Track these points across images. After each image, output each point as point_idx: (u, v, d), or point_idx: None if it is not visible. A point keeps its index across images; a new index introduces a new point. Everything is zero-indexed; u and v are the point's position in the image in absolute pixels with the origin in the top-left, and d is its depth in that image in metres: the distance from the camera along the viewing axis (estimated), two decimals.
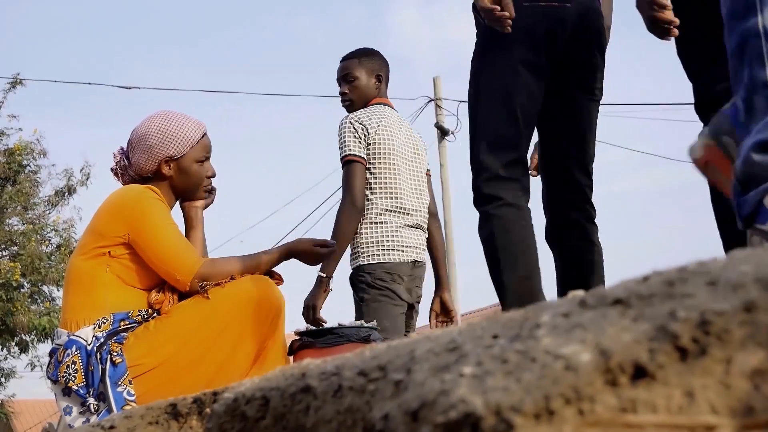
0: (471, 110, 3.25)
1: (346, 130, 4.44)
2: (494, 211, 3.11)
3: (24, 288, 17.94)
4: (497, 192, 3.13)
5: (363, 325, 3.89)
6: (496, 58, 3.18)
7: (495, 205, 3.12)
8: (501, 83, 3.17)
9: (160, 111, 3.48)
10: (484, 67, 3.18)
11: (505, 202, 3.12)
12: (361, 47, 4.79)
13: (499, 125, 3.17)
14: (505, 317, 0.98)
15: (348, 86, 4.63)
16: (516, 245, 3.10)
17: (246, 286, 3.18)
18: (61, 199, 19.15)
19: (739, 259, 0.83)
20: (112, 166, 3.50)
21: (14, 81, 18.56)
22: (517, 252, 3.09)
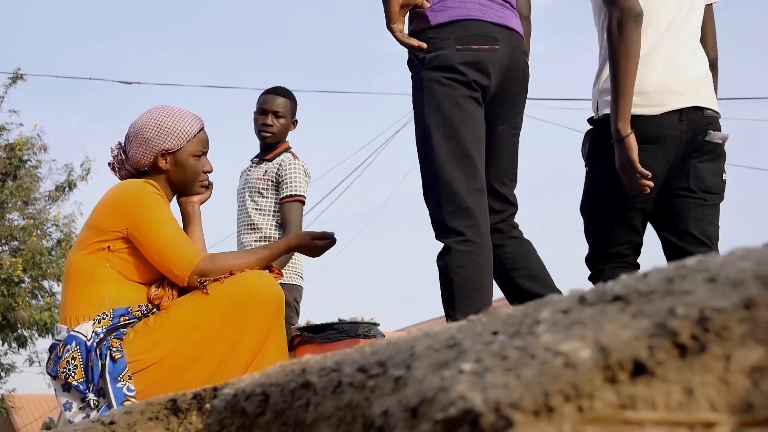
0: (422, 148, 3.27)
1: (299, 172, 4.97)
2: (456, 245, 3.13)
3: (25, 283, 17.94)
4: (459, 226, 3.16)
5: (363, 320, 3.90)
6: (437, 94, 3.23)
7: (457, 240, 3.14)
8: (447, 116, 3.23)
9: (158, 105, 3.48)
10: (427, 104, 3.22)
11: (467, 239, 3.15)
12: (288, 88, 5.23)
13: (453, 158, 3.21)
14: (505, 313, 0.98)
15: (275, 120, 5.03)
16: (471, 285, 3.14)
17: (245, 281, 3.17)
18: (62, 194, 19.13)
19: (739, 255, 0.83)
20: (110, 160, 3.50)
21: (15, 76, 18.56)
22: (471, 292, 3.14)
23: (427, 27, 3.28)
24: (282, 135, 5.08)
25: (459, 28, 3.30)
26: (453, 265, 3.12)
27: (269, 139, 5.04)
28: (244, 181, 5.06)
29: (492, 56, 3.32)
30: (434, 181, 3.20)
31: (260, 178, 4.97)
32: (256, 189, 4.96)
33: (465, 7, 3.37)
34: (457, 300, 3.10)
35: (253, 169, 5.05)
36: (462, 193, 3.18)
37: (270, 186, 4.96)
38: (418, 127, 3.25)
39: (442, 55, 3.24)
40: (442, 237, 3.18)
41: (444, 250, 3.17)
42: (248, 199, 4.95)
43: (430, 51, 3.24)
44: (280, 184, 4.96)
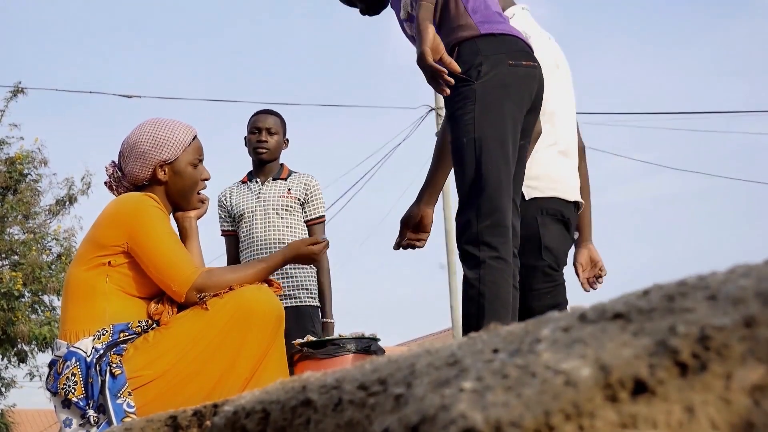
0: (467, 159, 3.26)
1: (320, 190, 5.20)
2: (489, 261, 3.14)
3: (25, 297, 17.91)
4: (496, 242, 3.16)
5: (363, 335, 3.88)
6: (491, 108, 3.23)
7: (490, 255, 3.14)
8: (498, 133, 3.24)
9: (149, 119, 3.49)
10: (480, 117, 3.22)
11: (500, 255, 3.16)
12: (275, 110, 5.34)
13: (500, 173, 3.21)
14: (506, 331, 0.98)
15: (269, 137, 5.11)
16: (501, 302, 3.15)
17: (245, 296, 3.17)
18: (62, 208, 19.12)
19: (739, 273, 0.82)
20: (106, 179, 3.50)
21: (16, 90, 18.56)
22: (500, 309, 3.14)
23: (476, 36, 3.30)
24: (276, 152, 5.14)
25: (508, 43, 3.35)
26: (486, 280, 3.12)
27: (265, 155, 5.08)
28: (256, 198, 5.04)
29: (535, 73, 3.40)
30: (477, 192, 3.19)
31: (284, 196, 5.02)
32: (283, 207, 5.01)
33: (504, 23, 3.44)
34: (486, 314, 3.10)
35: (267, 187, 5.06)
36: (503, 210, 3.20)
37: (296, 204, 5.05)
38: (463, 137, 3.23)
39: (497, 69, 3.26)
40: (473, 248, 3.16)
41: (474, 261, 3.16)
42: (275, 216, 4.98)
43: (482, 62, 3.25)
44: (307, 203, 5.08)
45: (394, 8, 3.70)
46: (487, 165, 3.20)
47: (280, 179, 5.10)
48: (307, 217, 5.08)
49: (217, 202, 5.21)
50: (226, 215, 5.18)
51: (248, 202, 5.07)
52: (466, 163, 3.24)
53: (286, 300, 4.82)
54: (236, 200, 5.13)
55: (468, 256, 3.18)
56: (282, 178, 5.11)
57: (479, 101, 3.23)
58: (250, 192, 5.11)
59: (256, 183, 5.11)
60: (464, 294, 3.20)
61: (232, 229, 5.16)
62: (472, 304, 3.16)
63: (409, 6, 3.53)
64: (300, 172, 5.17)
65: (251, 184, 5.13)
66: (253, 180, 5.14)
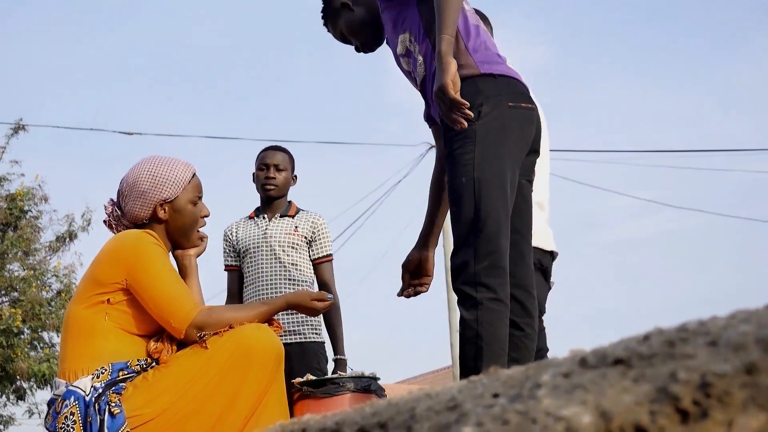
0: (466, 199, 3.26)
1: (328, 230, 5.19)
2: (488, 303, 3.13)
3: (24, 334, 17.87)
4: (493, 284, 3.16)
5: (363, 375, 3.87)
6: (491, 149, 3.25)
7: (488, 297, 3.14)
8: (498, 175, 3.25)
9: (147, 157, 3.49)
10: (480, 157, 3.24)
11: (498, 297, 3.16)
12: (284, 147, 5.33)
13: (500, 215, 3.22)
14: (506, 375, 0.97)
15: (277, 173, 5.11)
16: (498, 344, 3.15)
17: (245, 335, 3.16)
18: (62, 244, 19.12)
19: (740, 319, 0.82)
20: (105, 218, 3.50)
21: (17, 126, 18.63)
22: (497, 351, 3.14)
23: (476, 75, 3.32)
24: (285, 188, 5.13)
25: (507, 84, 3.37)
26: (484, 321, 3.11)
27: (273, 192, 5.08)
28: (263, 235, 5.04)
29: (533, 115, 3.41)
30: (475, 233, 3.18)
31: (291, 234, 5.02)
32: (289, 244, 5.01)
33: (503, 63, 3.45)
34: (484, 355, 3.10)
35: (274, 223, 5.05)
36: (501, 251, 3.19)
37: (303, 242, 5.04)
38: (462, 177, 3.23)
39: (498, 111, 3.27)
40: (470, 288, 3.16)
41: (471, 302, 3.15)
42: (282, 253, 4.98)
43: (482, 103, 3.26)
44: (314, 242, 5.08)
45: (390, 44, 3.72)
46: (486, 206, 3.19)
47: (287, 216, 5.10)
48: (313, 256, 5.07)
49: (223, 237, 5.21)
50: (231, 250, 5.16)
51: (254, 238, 5.06)
52: (464, 203, 3.24)
53: (290, 336, 4.81)
54: (242, 235, 5.12)
55: (465, 297, 3.17)
56: (290, 215, 5.10)
57: (480, 142, 3.23)
58: (257, 228, 5.10)
59: (264, 219, 5.10)
60: (461, 335, 3.19)
61: (236, 265, 5.14)
62: (470, 346, 3.15)
63: (408, 41, 3.54)
64: (308, 211, 5.16)
65: (258, 220, 5.12)
66: (260, 216, 5.13)
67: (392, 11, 3.60)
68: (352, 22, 3.87)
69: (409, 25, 3.53)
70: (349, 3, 3.86)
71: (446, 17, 3.24)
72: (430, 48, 3.45)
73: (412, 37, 3.52)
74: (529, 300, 3.46)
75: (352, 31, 3.89)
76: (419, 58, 3.51)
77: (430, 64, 3.46)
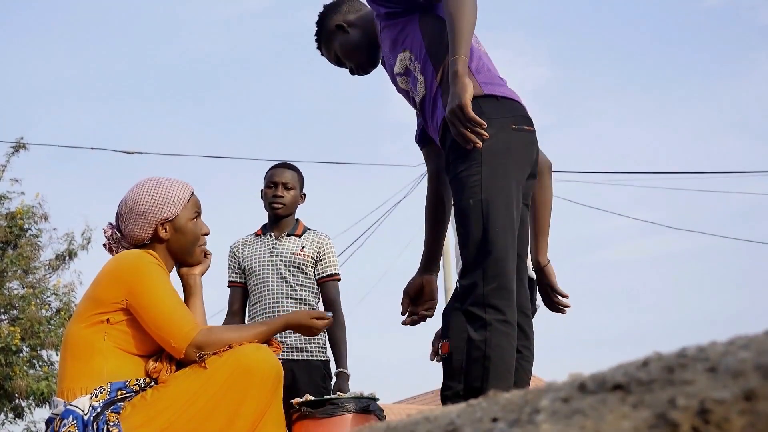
0: (473, 220, 3.26)
1: (334, 249, 5.16)
2: (496, 324, 3.13)
3: (23, 352, 17.85)
4: (502, 306, 3.16)
5: (362, 395, 3.87)
6: (497, 170, 3.25)
7: (497, 318, 3.14)
8: (504, 196, 3.25)
9: (144, 179, 3.50)
10: (486, 179, 3.24)
11: (506, 319, 3.16)
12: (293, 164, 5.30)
13: (507, 236, 3.22)
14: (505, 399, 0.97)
15: (285, 192, 5.08)
16: (505, 366, 3.15)
17: (244, 355, 3.16)
18: (62, 263, 19.14)
19: (739, 345, 0.82)
20: (105, 241, 3.51)
21: (17, 145, 18.67)
22: (504, 373, 3.14)
23: (479, 96, 3.31)
24: (293, 207, 5.11)
25: (510, 107, 3.38)
26: (492, 343, 3.11)
27: (281, 210, 5.05)
28: (269, 253, 5.02)
29: (535, 138, 3.43)
30: (484, 255, 3.18)
31: (298, 254, 5.00)
32: (295, 263, 4.99)
33: (504, 86, 3.46)
34: (491, 377, 3.10)
35: (280, 242, 5.03)
36: (509, 273, 3.20)
37: (309, 262, 5.01)
38: (470, 199, 3.23)
39: (502, 133, 3.28)
40: (479, 310, 3.15)
41: (480, 323, 3.14)
42: (287, 273, 4.96)
43: (487, 125, 3.24)
44: (320, 261, 5.05)
45: (387, 63, 3.72)
46: (494, 227, 3.19)
47: (294, 236, 5.07)
48: (318, 275, 5.03)
49: (229, 252, 5.17)
50: (236, 266, 5.13)
51: (261, 256, 5.04)
52: (472, 225, 3.23)
53: (297, 353, 4.80)
54: (248, 253, 5.09)
55: (474, 318, 3.16)
56: (297, 234, 5.08)
57: (485, 163, 3.23)
58: (263, 246, 5.07)
59: (270, 237, 5.07)
60: (468, 355, 3.18)
61: (240, 281, 5.10)
62: (477, 367, 3.14)
63: (408, 60, 3.55)
64: (315, 230, 5.14)
65: (265, 238, 5.09)
66: (267, 234, 5.11)
67: (393, 30, 3.61)
68: (348, 44, 3.87)
69: (410, 44, 3.53)
70: (344, 25, 3.87)
71: (461, 38, 3.25)
72: (431, 67, 3.46)
73: (412, 56, 3.53)
74: (526, 322, 3.47)
75: (347, 54, 3.89)
76: (419, 77, 3.51)
77: (431, 83, 3.46)
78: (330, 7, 3.97)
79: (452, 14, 3.28)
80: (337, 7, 3.95)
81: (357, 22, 3.87)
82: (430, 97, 3.49)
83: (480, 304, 3.15)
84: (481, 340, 3.12)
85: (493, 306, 3.14)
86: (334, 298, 5.00)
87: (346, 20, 3.88)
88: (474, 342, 3.14)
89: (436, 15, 3.49)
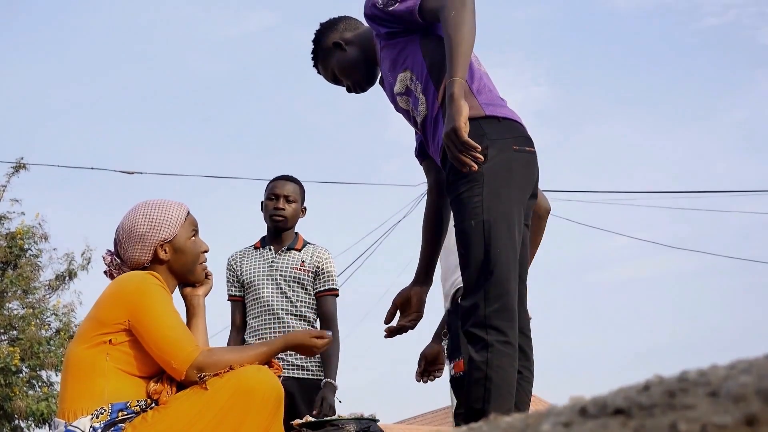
0: (475, 241, 3.26)
1: (333, 264, 5.09)
2: (498, 345, 3.13)
3: (22, 373, 17.83)
4: (504, 327, 3.16)
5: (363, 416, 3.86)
6: (500, 191, 3.26)
7: (498, 339, 3.14)
8: (506, 217, 3.26)
9: (139, 203, 3.51)
10: (488, 200, 3.24)
11: (508, 340, 3.16)
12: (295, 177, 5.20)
13: (509, 257, 3.22)
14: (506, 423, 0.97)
15: (286, 204, 5.01)
16: (507, 387, 3.15)
17: (245, 376, 3.16)
18: (62, 283, 19.14)
19: (740, 369, 0.82)
20: (105, 268, 3.51)
21: (17, 165, 18.70)
22: (506, 394, 3.14)
23: (480, 117, 3.32)
24: (294, 220, 5.04)
25: (511, 128, 3.38)
26: (494, 364, 3.11)
27: (281, 223, 4.99)
28: (268, 267, 4.96)
29: (535, 159, 3.43)
30: (486, 276, 3.18)
31: (297, 269, 4.94)
32: (295, 279, 4.93)
33: (505, 107, 3.46)
34: (492, 398, 3.09)
35: (280, 256, 4.98)
36: (511, 294, 3.19)
37: (309, 277, 4.95)
38: (471, 220, 3.23)
39: (504, 154, 3.28)
40: (481, 331, 3.15)
41: (482, 344, 3.14)
42: (287, 288, 4.90)
43: (488, 146, 3.25)
44: (319, 275, 4.97)
45: (386, 82, 3.73)
46: (496, 248, 3.19)
47: (294, 250, 5.01)
48: (317, 289, 4.97)
49: (227, 265, 5.11)
50: (235, 280, 5.07)
51: (260, 270, 4.98)
52: (473, 246, 3.23)
53: (296, 371, 4.76)
54: (247, 266, 5.03)
55: (475, 339, 3.16)
56: (296, 248, 5.02)
57: (487, 184, 3.23)
58: (262, 259, 5.01)
59: (270, 251, 5.02)
60: (469, 376, 3.18)
61: (240, 295, 5.04)
62: (478, 387, 3.13)
63: (409, 80, 3.56)
64: (315, 245, 5.08)
65: (264, 251, 5.04)
66: (267, 247, 5.05)
67: (393, 50, 3.61)
68: (345, 61, 3.88)
69: (411, 64, 3.54)
70: (341, 42, 3.87)
71: (458, 60, 3.24)
72: (432, 87, 3.46)
73: (413, 76, 3.53)
74: (526, 343, 3.47)
75: (344, 71, 3.90)
76: (421, 97, 3.52)
77: (432, 103, 3.47)
78: (326, 25, 3.98)
79: (450, 36, 3.28)
80: (333, 25, 3.96)
81: (354, 39, 3.88)
82: (431, 118, 3.49)
83: (481, 325, 3.15)
84: (483, 361, 3.12)
85: (494, 327, 3.13)
86: (332, 314, 4.94)
87: (342, 38, 3.89)
88: (475, 363, 3.14)
89: (436, 35, 3.50)
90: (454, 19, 3.29)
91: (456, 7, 3.30)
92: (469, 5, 3.33)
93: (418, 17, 3.48)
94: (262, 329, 4.84)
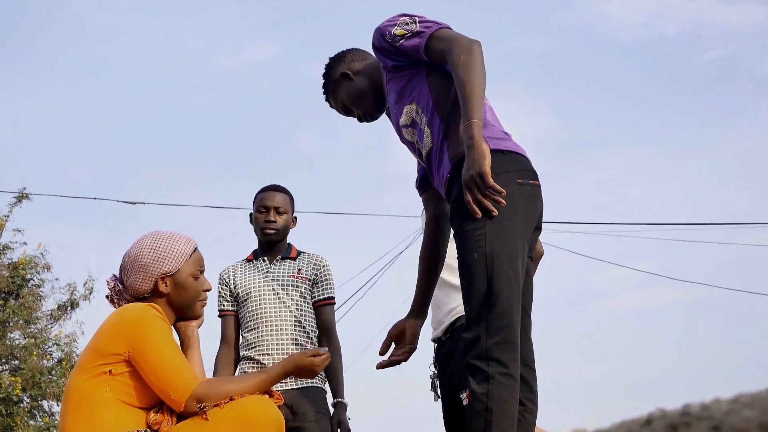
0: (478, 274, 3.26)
1: (331, 272, 4.94)
2: (499, 377, 3.13)
3: (23, 403, 17.78)
4: (505, 359, 3.16)
5: None
6: (503, 225, 3.26)
7: (500, 372, 3.14)
8: (509, 250, 3.25)
9: (149, 232, 3.53)
10: (492, 233, 3.24)
11: (509, 372, 3.15)
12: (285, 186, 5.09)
13: (512, 290, 3.22)
14: None
15: (277, 216, 4.89)
16: (508, 420, 3.14)
17: (246, 406, 3.15)
18: (64, 313, 19.11)
19: (743, 403, 0.81)
20: (107, 293, 3.51)
21: (20, 195, 18.72)
22: (507, 427, 3.13)
23: None
24: (285, 232, 4.93)
25: (516, 161, 3.39)
26: (495, 396, 3.10)
27: (273, 236, 4.87)
28: (264, 277, 4.86)
29: (539, 192, 3.43)
30: (488, 308, 3.18)
31: (295, 276, 4.82)
32: (293, 287, 4.79)
33: (509, 140, 3.47)
34: (493, 430, 3.09)
35: (275, 266, 4.86)
36: (514, 326, 3.19)
37: (306, 285, 4.81)
38: (474, 252, 3.23)
39: (508, 188, 3.26)
40: (482, 363, 3.15)
41: (483, 376, 3.14)
42: (286, 297, 4.78)
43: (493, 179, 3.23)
44: (316, 285, 4.85)
45: (392, 114, 3.75)
46: (498, 281, 3.19)
47: (289, 259, 4.91)
48: (315, 298, 4.83)
49: (219, 280, 4.95)
50: (228, 294, 4.90)
51: (256, 281, 4.84)
52: (476, 279, 3.23)
53: (295, 381, 4.68)
54: (241, 279, 4.89)
55: (477, 371, 3.15)
56: (291, 257, 4.91)
57: (491, 222, 3.24)
58: (256, 270, 4.88)
59: (263, 261, 4.90)
60: (470, 408, 3.17)
61: (233, 310, 4.88)
62: (479, 420, 3.12)
63: (414, 112, 3.57)
64: (309, 252, 4.97)
65: (257, 263, 4.91)
66: (260, 258, 4.93)
67: (399, 82, 3.63)
68: (353, 91, 3.91)
69: (417, 97, 3.56)
70: (349, 73, 3.91)
71: (473, 103, 3.25)
72: (437, 120, 3.47)
73: (419, 108, 3.55)
74: (530, 375, 3.46)
75: (353, 101, 3.93)
76: (426, 129, 3.53)
77: (437, 135, 3.48)
78: (335, 58, 4.03)
79: (463, 80, 3.29)
80: (341, 57, 4.02)
81: (362, 69, 3.91)
82: (436, 150, 3.50)
83: (483, 357, 3.14)
84: (483, 393, 3.11)
85: (495, 359, 3.13)
86: (330, 324, 4.83)
87: (350, 68, 3.94)
88: (476, 395, 3.13)
89: (443, 69, 3.52)
90: (463, 62, 3.32)
91: (464, 52, 3.34)
92: (476, 50, 3.35)
93: (424, 56, 3.50)
94: (260, 341, 4.72)
